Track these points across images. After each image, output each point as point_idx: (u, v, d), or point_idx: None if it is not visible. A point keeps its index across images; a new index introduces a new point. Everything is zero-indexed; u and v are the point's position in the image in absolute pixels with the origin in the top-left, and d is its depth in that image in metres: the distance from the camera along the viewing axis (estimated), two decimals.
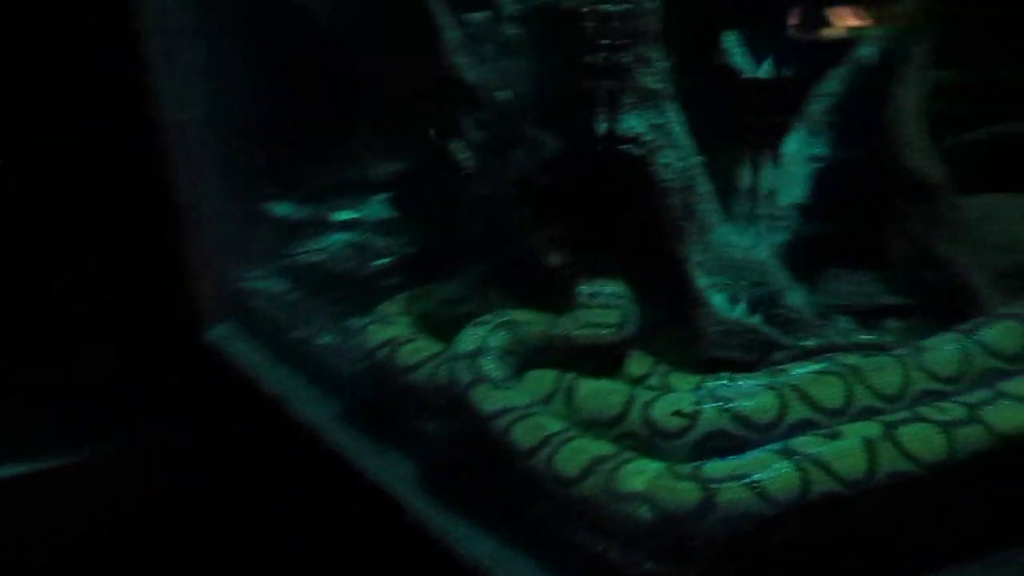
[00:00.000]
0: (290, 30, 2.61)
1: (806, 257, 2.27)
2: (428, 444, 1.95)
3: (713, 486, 1.56)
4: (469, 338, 1.87)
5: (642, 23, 2.08)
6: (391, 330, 2.10)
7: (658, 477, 1.61)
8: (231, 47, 2.62)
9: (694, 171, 2.13)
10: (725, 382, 1.94)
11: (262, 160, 3.01)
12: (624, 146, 2.03)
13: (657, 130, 2.08)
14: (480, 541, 1.79)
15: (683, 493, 1.57)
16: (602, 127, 2.05)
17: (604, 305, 2.06)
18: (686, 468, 1.63)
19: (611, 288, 2.11)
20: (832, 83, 2.31)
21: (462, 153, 2.12)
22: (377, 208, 3.22)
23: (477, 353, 1.84)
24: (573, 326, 1.97)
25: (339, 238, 2.99)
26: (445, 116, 2.21)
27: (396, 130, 2.42)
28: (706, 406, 1.75)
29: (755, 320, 2.11)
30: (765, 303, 2.18)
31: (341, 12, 2.46)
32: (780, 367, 2.01)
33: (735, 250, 2.17)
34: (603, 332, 1.99)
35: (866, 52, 2.28)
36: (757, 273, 2.19)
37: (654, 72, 2.11)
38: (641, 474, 1.62)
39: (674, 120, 2.10)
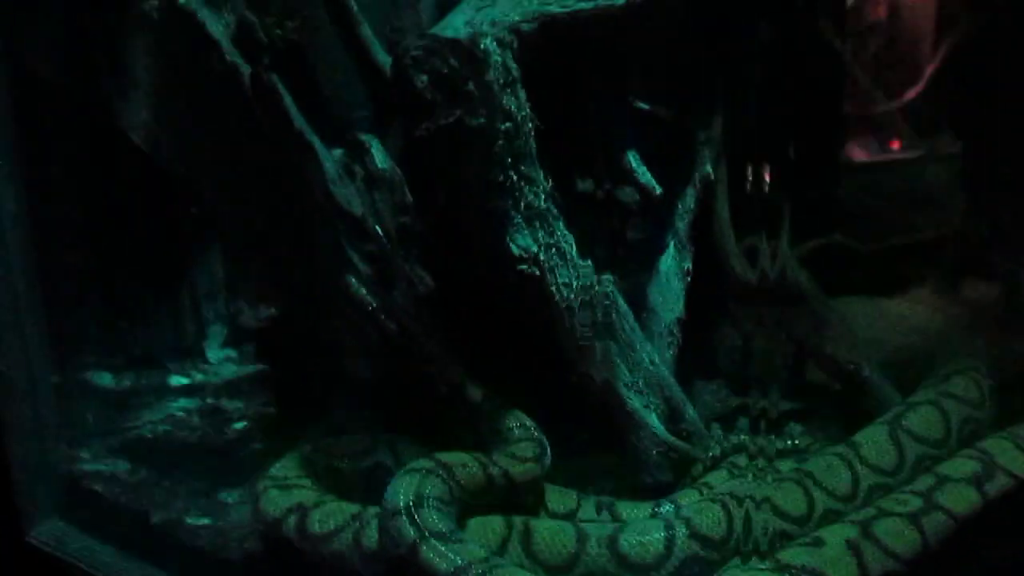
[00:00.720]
0: (120, 169, 2.33)
1: (682, 371, 2.25)
2: None
3: None
4: (401, 489, 1.62)
5: (524, 143, 2.04)
6: (294, 495, 1.79)
7: None
8: (50, 188, 2.28)
9: (603, 288, 2.06)
10: (671, 506, 1.83)
11: (82, 322, 2.62)
12: (521, 266, 1.92)
13: (550, 249, 2.01)
14: None
15: None
16: (498, 248, 1.94)
17: (527, 438, 1.89)
18: None
19: (525, 419, 1.96)
20: (689, 199, 2.38)
21: (358, 289, 1.92)
22: (224, 367, 2.90)
23: (416, 505, 1.59)
24: (509, 463, 1.78)
25: (180, 404, 2.62)
26: (326, 251, 2.02)
27: (264, 270, 2.18)
28: (679, 531, 1.61)
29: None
30: (671, 419, 2.12)
31: (182, 146, 2.22)
32: (702, 482, 1.95)
33: (653, 368, 2.10)
34: (534, 467, 1.81)
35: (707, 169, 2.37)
36: (663, 389, 2.13)
37: (539, 191, 2.05)
38: None
39: (564, 239, 2.04)
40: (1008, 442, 1.84)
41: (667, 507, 1.79)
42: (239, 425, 2.59)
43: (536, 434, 1.90)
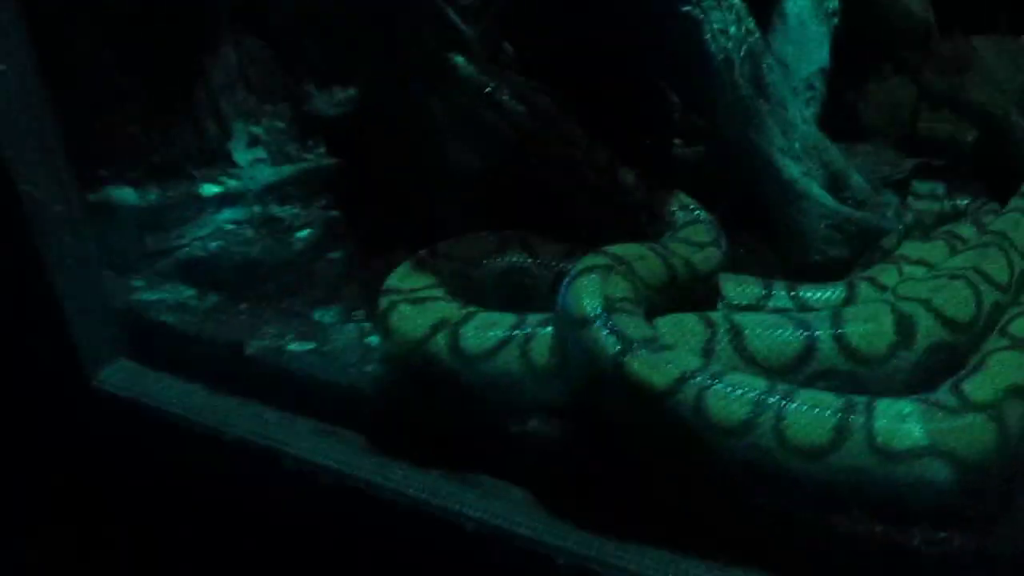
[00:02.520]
0: None
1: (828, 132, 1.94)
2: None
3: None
4: (585, 293, 1.34)
5: None
6: (432, 309, 1.49)
7: (930, 420, 1.20)
8: None
9: (754, 37, 1.70)
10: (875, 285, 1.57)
11: (89, 129, 2.20)
12: (685, 7, 1.55)
13: None
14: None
15: (976, 433, 1.18)
16: None
17: (695, 220, 1.60)
18: (950, 400, 1.23)
19: (688, 200, 1.66)
20: None
21: (466, 69, 1.54)
22: (257, 170, 2.51)
23: (609, 310, 1.31)
24: (686, 251, 1.50)
25: (225, 216, 2.26)
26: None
27: (337, 41, 1.76)
28: (921, 313, 1.36)
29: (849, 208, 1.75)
30: (834, 187, 1.83)
31: None
32: (899, 255, 1.68)
33: (806, 128, 1.78)
34: (715, 251, 1.53)
35: None
36: (820, 152, 1.82)
37: None
38: (904, 420, 1.20)
39: None
40: None
41: (873, 289, 1.52)
42: (303, 233, 2.24)
43: (704, 215, 1.61)
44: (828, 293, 1.54)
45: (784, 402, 1.22)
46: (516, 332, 1.43)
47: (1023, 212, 1.64)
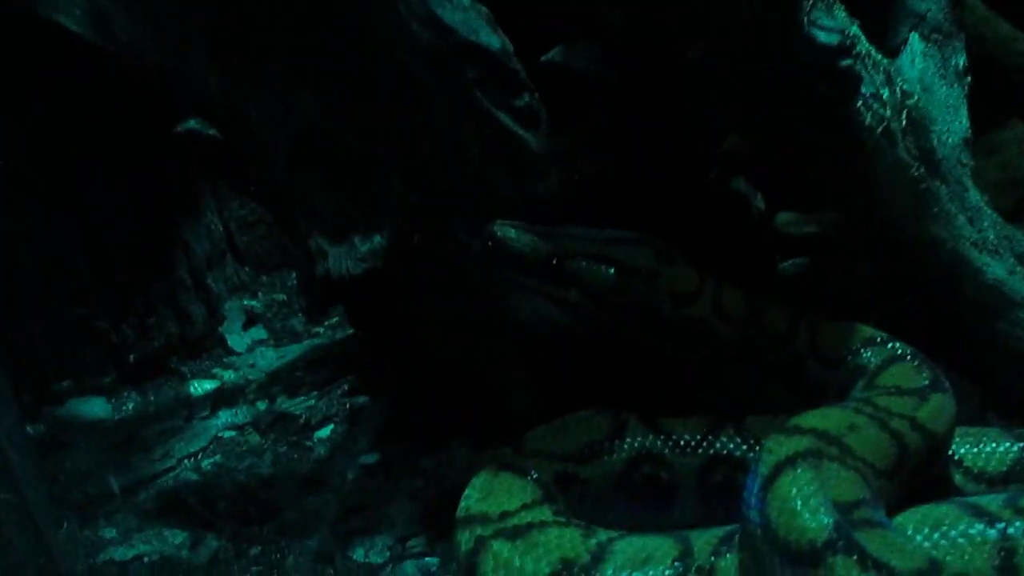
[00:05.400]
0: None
1: None
2: None
3: None
4: (797, 498, 0.83)
5: None
6: (543, 541, 0.98)
7: None
8: None
9: (912, 99, 1.26)
10: None
11: (43, 332, 1.77)
12: (844, 60, 1.11)
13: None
14: None
15: None
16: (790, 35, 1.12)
17: (894, 357, 1.11)
18: None
19: (874, 332, 1.18)
20: None
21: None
22: (259, 355, 2.03)
23: (845, 527, 0.80)
24: (901, 404, 1.00)
25: (223, 421, 1.77)
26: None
27: (354, 181, 1.30)
28: None
29: None
30: None
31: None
32: None
33: (993, 215, 1.32)
34: (943, 398, 1.04)
35: None
36: (1014, 244, 1.35)
37: None
38: None
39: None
40: None
41: None
42: (324, 432, 1.75)
43: (904, 348, 1.12)
44: None
45: None
46: (683, 571, 0.91)
47: None
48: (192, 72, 1.42)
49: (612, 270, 1.15)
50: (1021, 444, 1.05)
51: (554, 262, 1.14)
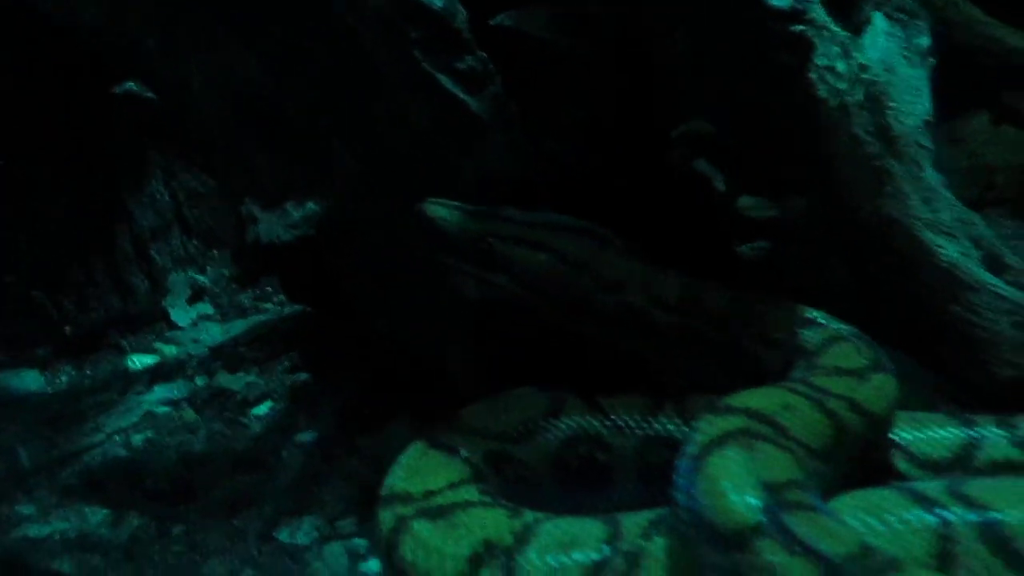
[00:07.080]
0: None
1: None
2: None
3: None
4: (730, 480, 0.78)
5: None
6: (464, 523, 0.93)
7: None
8: None
9: (868, 74, 1.22)
10: None
11: None
12: (794, 25, 1.07)
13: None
14: None
15: None
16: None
17: (835, 337, 1.07)
18: None
19: (812, 313, 1.14)
20: None
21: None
22: (203, 330, 1.96)
23: (777, 507, 0.76)
24: (842, 385, 0.96)
25: (157, 396, 1.71)
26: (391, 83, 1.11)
27: (292, 143, 1.24)
28: None
29: None
30: (992, 269, 1.32)
31: None
32: None
33: (949, 196, 1.29)
34: (886, 378, 1.00)
35: None
36: (969, 227, 1.32)
37: None
38: None
39: None
40: None
41: None
42: (262, 409, 1.69)
43: (846, 329, 1.08)
44: None
45: None
46: (610, 555, 0.86)
47: None
48: (129, 32, 1.36)
49: (541, 256, 1.11)
50: (968, 430, 1.01)
51: (484, 245, 1.09)
